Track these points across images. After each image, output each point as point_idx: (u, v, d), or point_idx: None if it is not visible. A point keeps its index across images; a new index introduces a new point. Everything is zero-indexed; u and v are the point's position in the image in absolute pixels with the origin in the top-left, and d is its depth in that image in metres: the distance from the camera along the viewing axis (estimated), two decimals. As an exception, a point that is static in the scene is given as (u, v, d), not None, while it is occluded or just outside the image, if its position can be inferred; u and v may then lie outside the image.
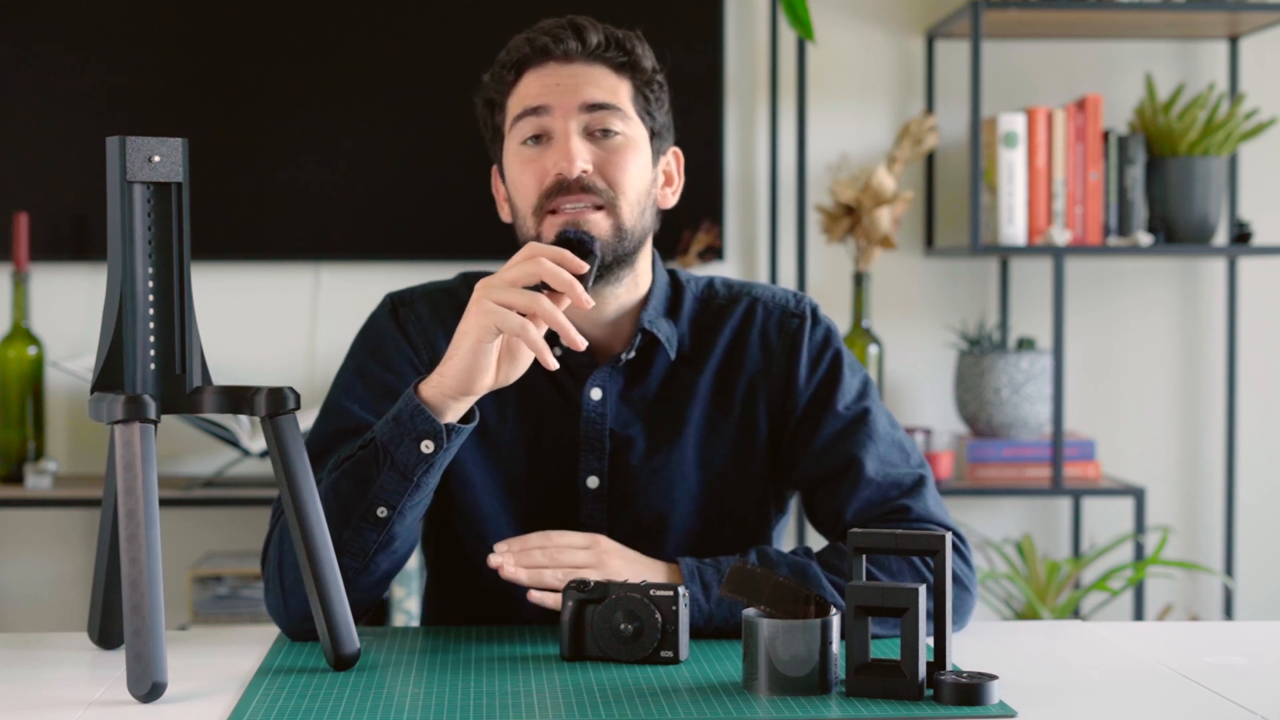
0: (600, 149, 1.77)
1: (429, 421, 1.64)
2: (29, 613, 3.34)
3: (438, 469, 1.67)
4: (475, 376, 1.63)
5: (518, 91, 1.80)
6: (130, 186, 1.48)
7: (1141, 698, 1.47)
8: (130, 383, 1.49)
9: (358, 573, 1.68)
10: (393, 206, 3.33)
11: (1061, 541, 3.47)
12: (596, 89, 1.78)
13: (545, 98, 1.77)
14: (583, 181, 1.75)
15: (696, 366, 1.86)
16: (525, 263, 1.62)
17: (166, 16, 3.30)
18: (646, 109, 1.81)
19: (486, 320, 1.61)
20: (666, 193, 1.87)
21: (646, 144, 1.81)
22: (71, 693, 1.49)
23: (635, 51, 1.80)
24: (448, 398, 1.64)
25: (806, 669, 1.45)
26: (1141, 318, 3.49)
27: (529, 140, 1.78)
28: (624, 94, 1.79)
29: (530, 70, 1.79)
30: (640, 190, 1.79)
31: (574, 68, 1.78)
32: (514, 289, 1.61)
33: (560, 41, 1.78)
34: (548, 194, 1.76)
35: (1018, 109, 3.31)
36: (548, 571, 1.68)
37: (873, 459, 1.80)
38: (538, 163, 1.77)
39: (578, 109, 1.77)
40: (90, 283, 3.33)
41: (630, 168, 1.77)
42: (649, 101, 1.81)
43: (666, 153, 1.86)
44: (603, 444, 1.83)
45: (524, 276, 1.61)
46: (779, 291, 1.91)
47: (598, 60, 1.79)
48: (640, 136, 1.80)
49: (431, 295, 1.88)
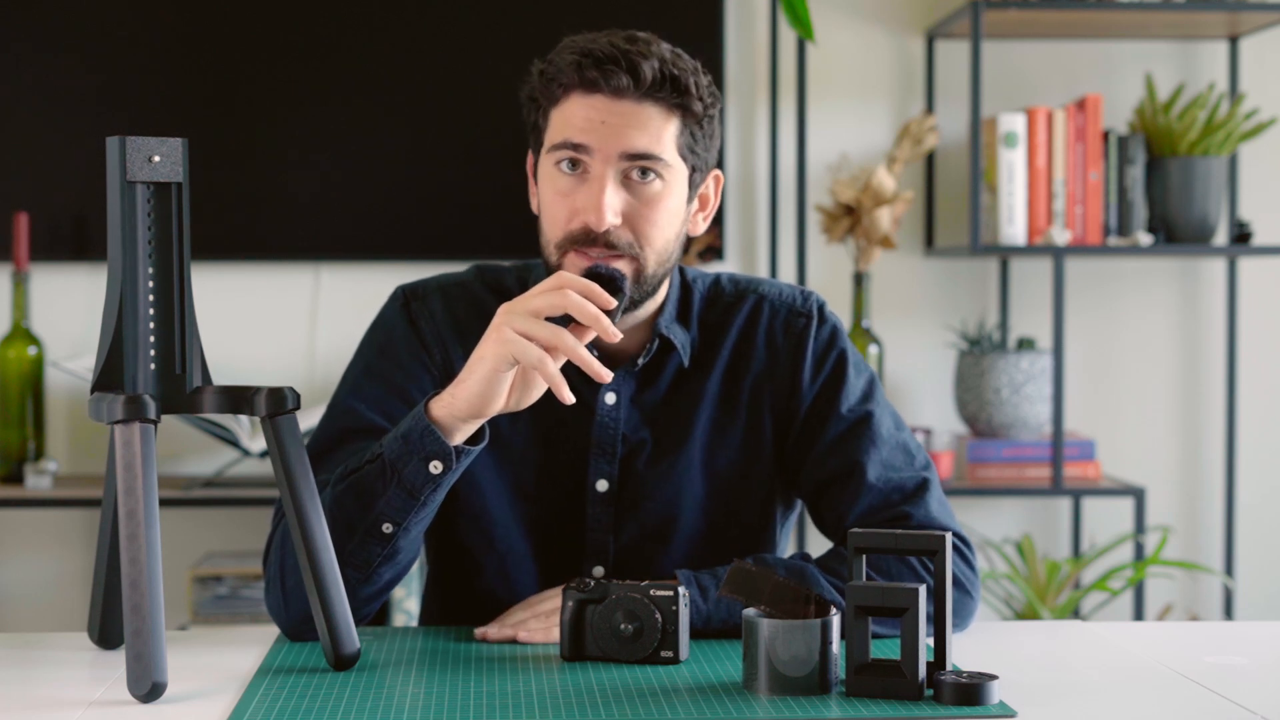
0: (634, 196, 1.71)
1: (439, 443, 1.62)
2: (29, 613, 3.34)
3: (445, 488, 1.65)
4: (488, 402, 1.61)
5: (562, 110, 1.72)
6: (130, 186, 1.48)
7: (1141, 698, 1.47)
8: (130, 383, 1.49)
9: (360, 582, 1.68)
10: (393, 206, 3.33)
11: (1061, 541, 3.47)
12: (641, 134, 1.69)
13: (587, 137, 1.69)
14: (609, 237, 1.70)
15: (704, 368, 1.84)
16: (551, 293, 1.58)
17: (166, 16, 3.30)
18: (692, 147, 1.74)
19: (505, 350, 1.58)
20: (699, 219, 1.81)
21: (684, 185, 1.75)
22: (71, 693, 1.49)
23: (689, 91, 1.71)
24: (458, 419, 1.62)
25: (806, 669, 1.44)
26: (1141, 318, 3.49)
27: (565, 166, 1.72)
28: (670, 135, 1.71)
29: (576, 93, 1.71)
30: (668, 239, 1.74)
31: (623, 105, 1.69)
32: (537, 320, 1.57)
33: (611, 77, 1.68)
34: (572, 239, 1.71)
35: (1018, 109, 3.31)
36: (531, 621, 1.69)
37: (875, 464, 1.79)
38: (570, 197, 1.71)
39: (618, 156, 1.69)
40: (90, 283, 3.33)
41: (660, 219, 1.72)
42: (696, 139, 1.74)
43: (707, 179, 1.81)
44: (614, 448, 1.82)
45: (548, 308, 1.58)
46: (786, 289, 1.88)
47: (648, 99, 1.70)
48: (678, 180, 1.74)
49: (445, 289, 1.86)
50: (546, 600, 1.72)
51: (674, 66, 1.71)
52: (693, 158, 1.75)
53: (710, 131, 1.76)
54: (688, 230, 1.79)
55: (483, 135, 3.30)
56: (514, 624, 1.69)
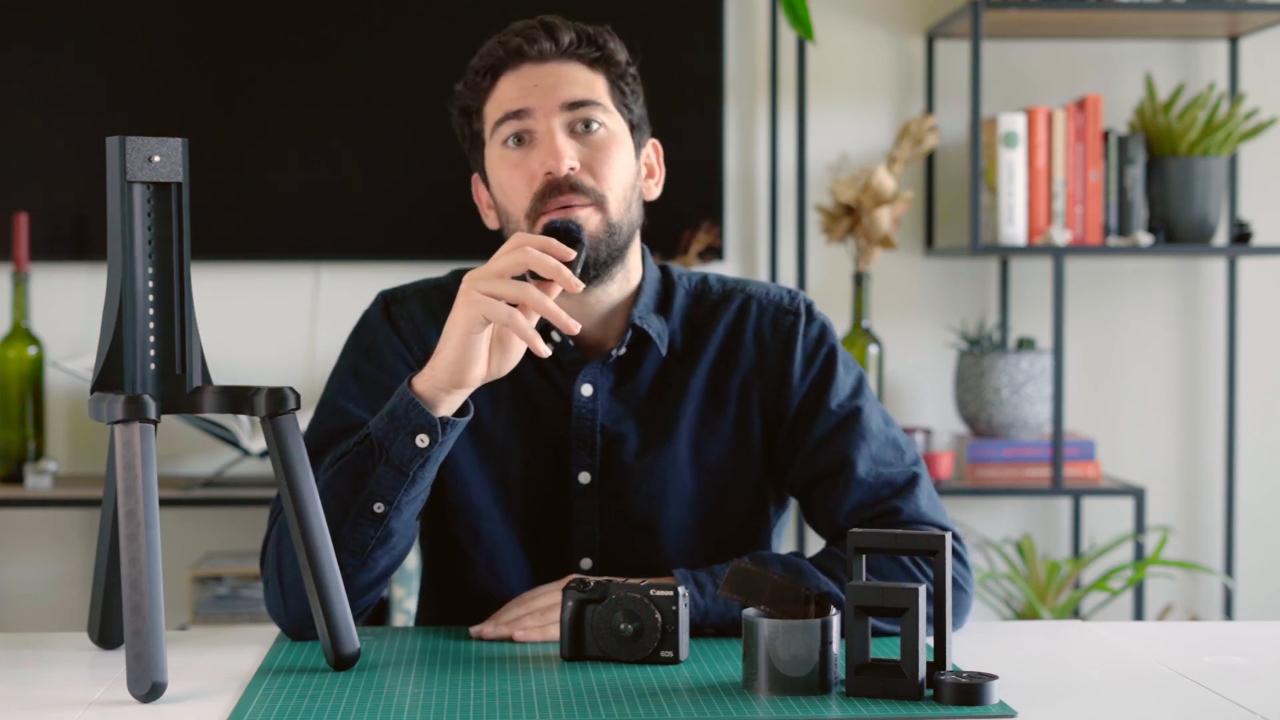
0: (584, 145, 1.78)
1: (423, 415, 1.64)
2: (29, 613, 3.34)
3: (433, 463, 1.67)
4: (466, 368, 1.63)
5: (495, 96, 1.80)
6: (130, 186, 1.48)
7: (1141, 698, 1.47)
8: (130, 383, 1.49)
9: (356, 569, 1.68)
10: (392, 206, 3.33)
11: (1061, 541, 3.47)
12: (575, 86, 1.78)
13: (525, 100, 1.78)
14: (571, 180, 1.75)
15: (690, 364, 1.86)
16: (512, 252, 1.62)
17: (166, 16, 3.30)
18: (624, 102, 1.82)
19: (474, 311, 1.61)
20: (650, 184, 1.88)
21: (628, 137, 1.82)
22: (71, 693, 1.49)
23: (608, 46, 1.81)
24: (440, 390, 1.64)
25: (806, 669, 1.45)
26: (1141, 318, 3.49)
27: (511, 141, 1.79)
28: (601, 88, 1.80)
29: (506, 74, 1.80)
30: (626, 184, 1.80)
31: (549, 67, 1.79)
32: (501, 279, 1.60)
33: (533, 42, 1.78)
34: (539, 196, 1.76)
35: (1018, 109, 3.31)
36: (527, 619, 1.69)
37: (865, 459, 1.80)
38: (524, 165, 1.77)
39: (559, 108, 1.77)
40: (90, 283, 3.33)
41: (615, 162, 1.78)
42: (625, 95, 1.82)
43: (646, 145, 1.87)
44: (593, 440, 1.83)
45: (511, 266, 1.61)
46: (774, 288, 1.90)
47: (571, 58, 1.79)
48: (621, 130, 1.81)
49: (424, 292, 1.89)
50: (542, 597, 1.73)
51: (588, 28, 1.81)
52: (628, 113, 1.83)
53: (636, 91, 1.84)
54: (642, 194, 1.85)
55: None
56: (509, 621, 1.70)
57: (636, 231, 1.84)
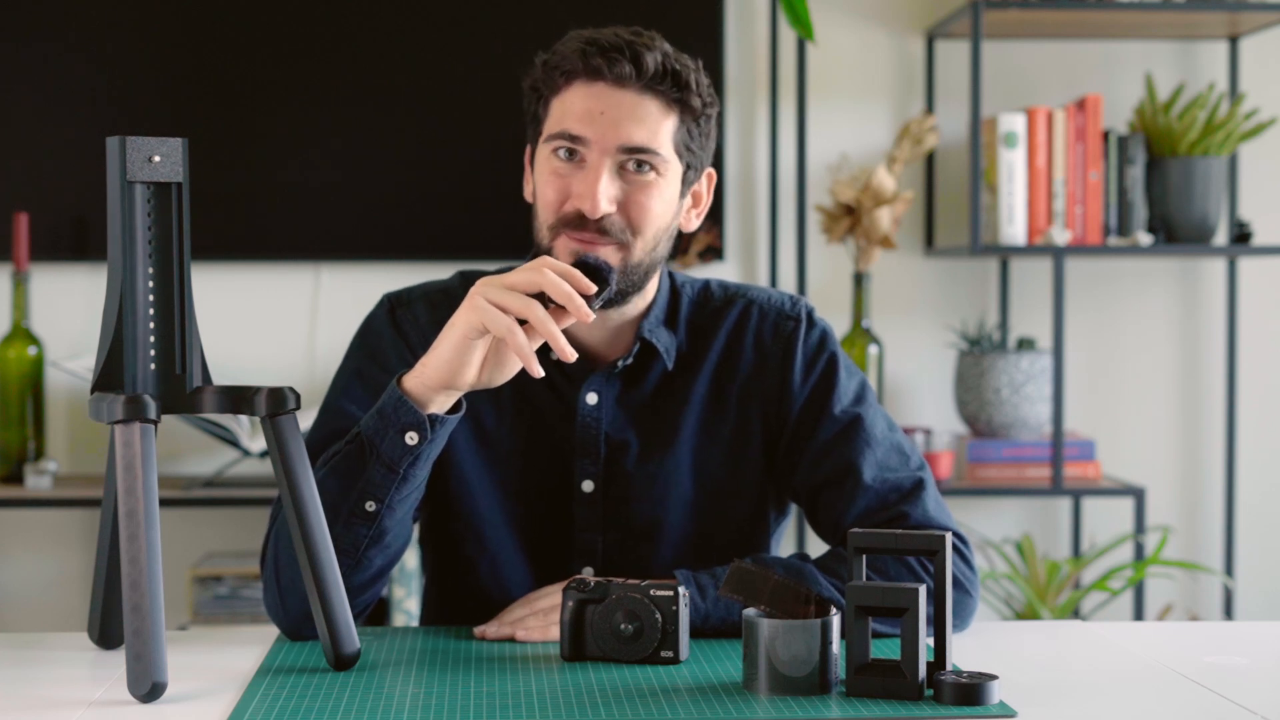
0: (628, 184, 1.73)
1: (412, 413, 1.63)
2: (29, 613, 3.34)
3: (424, 461, 1.66)
4: (457, 371, 1.62)
5: (563, 99, 1.74)
6: (130, 186, 1.48)
7: (1141, 698, 1.47)
8: (130, 383, 1.49)
9: (351, 569, 1.68)
10: (393, 206, 3.33)
11: (1061, 541, 3.47)
12: (640, 129, 1.72)
13: (586, 128, 1.72)
14: (601, 224, 1.72)
15: (692, 371, 1.85)
16: (530, 271, 1.60)
17: (166, 16, 3.30)
18: (688, 144, 1.76)
19: (475, 317, 1.60)
20: (691, 215, 1.84)
21: (678, 180, 1.77)
22: (71, 693, 1.49)
23: (689, 87, 1.74)
24: (430, 389, 1.64)
25: (806, 669, 1.45)
26: (1141, 318, 3.49)
27: (562, 153, 1.74)
28: (667, 132, 1.74)
29: (579, 81, 1.73)
30: (660, 227, 1.76)
31: (623, 95, 1.72)
32: (511, 292, 1.59)
33: (615, 65, 1.71)
34: (565, 221, 1.73)
35: (1018, 109, 3.31)
36: (530, 619, 1.69)
37: (870, 465, 1.79)
38: (564, 182, 1.74)
39: (615, 149, 1.72)
40: (90, 283, 3.33)
41: (653, 209, 1.74)
42: (692, 137, 1.77)
43: (700, 178, 1.83)
44: (597, 448, 1.83)
45: (524, 283, 1.59)
46: (775, 294, 1.90)
47: (649, 91, 1.72)
48: (673, 174, 1.76)
49: (430, 295, 1.88)
50: (545, 597, 1.73)
51: (676, 61, 1.74)
52: (688, 155, 1.77)
53: (707, 131, 1.79)
54: (679, 226, 1.82)
55: (483, 136, 3.30)
56: (512, 622, 1.70)
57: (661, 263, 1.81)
